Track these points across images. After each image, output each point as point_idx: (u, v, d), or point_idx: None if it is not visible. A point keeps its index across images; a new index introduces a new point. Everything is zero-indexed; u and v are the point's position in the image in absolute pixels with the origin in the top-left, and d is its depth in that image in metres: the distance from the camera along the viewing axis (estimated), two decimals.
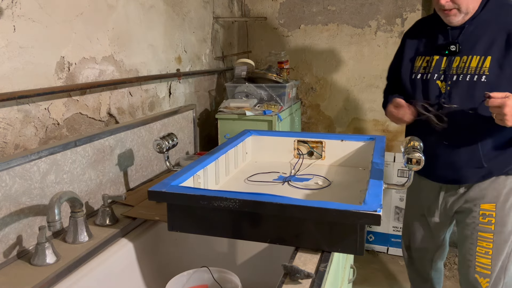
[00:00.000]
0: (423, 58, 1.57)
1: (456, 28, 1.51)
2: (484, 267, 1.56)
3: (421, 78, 1.56)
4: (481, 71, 1.45)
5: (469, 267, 1.59)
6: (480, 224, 1.55)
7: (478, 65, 1.45)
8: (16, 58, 1.16)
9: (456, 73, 1.49)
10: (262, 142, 1.63)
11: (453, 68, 1.50)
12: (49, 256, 0.99)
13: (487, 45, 1.45)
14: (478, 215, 1.55)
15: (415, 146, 1.13)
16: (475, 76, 1.45)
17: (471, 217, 1.57)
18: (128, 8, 1.66)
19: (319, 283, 0.86)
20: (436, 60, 1.53)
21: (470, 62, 1.47)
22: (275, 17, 2.95)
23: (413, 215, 1.80)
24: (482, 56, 1.45)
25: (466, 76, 1.47)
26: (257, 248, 1.22)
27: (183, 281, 1.07)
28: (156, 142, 1.29)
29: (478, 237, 1.56)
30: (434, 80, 1.52)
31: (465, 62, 1.48)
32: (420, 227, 1.78)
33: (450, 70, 1.50)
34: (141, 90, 1.79)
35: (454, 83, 1.49)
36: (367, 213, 0.88)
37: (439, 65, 1.52)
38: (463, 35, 1.49)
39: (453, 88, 1.49)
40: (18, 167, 1.02)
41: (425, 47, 1.59)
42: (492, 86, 1.40)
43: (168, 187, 1.02)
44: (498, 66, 1.42)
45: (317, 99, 2.98)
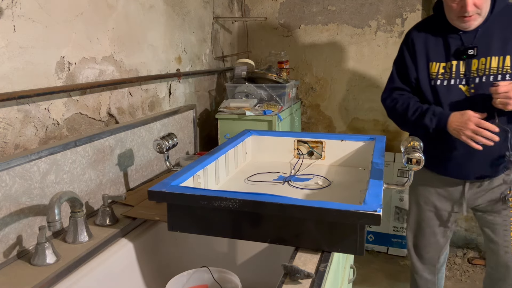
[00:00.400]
0: (439, 64, 1.57)
1: (468, 32, 1.52)
2: None
3: (441, 85, 1.56)
4: (503, 70, 1.49)
5: (506, 253, 1.66)
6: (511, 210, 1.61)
7: (499, 65, 1.49)
8: (16, 58, 1.16)
9: (477, 75, 1.51)
10: (262, 142, 1.63)
11: (473, 71, 1.52)
12: (49, 256, 0.99)
13: (502, 44, 1.49)
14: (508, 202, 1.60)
15: (415, 146, 1.13)
16: (498, 76, 1.49)
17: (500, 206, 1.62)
18: (128, 8, 1.66)
19: (319, 283, 0.86)
20: (455, 65, 1.54)
21: (490, 63, 1.50)
22: (275, 17, 2.95)
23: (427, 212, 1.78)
24: (501, 56, 1.49)
25: (489, 77, 1.50)
26: (257, 248, 1.22)
27: (183, 281, 1.07)
28: (156, 142, 1.29)
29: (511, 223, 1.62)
30: (457, 85, 1.54)
31: (484, 64, 1.50)
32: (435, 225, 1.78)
33: (470, 73, 1.52)
34: (141, 90, 1.79)
35: (478, 86, 1.51)
36: (367, 213, 0.88)
37: (459, 70, 1.53)
38: (477, 38, 1.51)
39: (478, 91, 1.51)
40: (18, 167, 1.02)
41: (438, 52, 1.58)
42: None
43: (168, 187, 1.02)
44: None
45: (317, 99, 2.98)
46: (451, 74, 1.55)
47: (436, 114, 1.53)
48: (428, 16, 1.71)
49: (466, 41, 1.52)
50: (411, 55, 1.64)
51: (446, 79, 1.56)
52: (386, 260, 2.73)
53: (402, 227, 2.76)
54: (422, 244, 1.83)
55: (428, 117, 1.54)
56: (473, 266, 2.69)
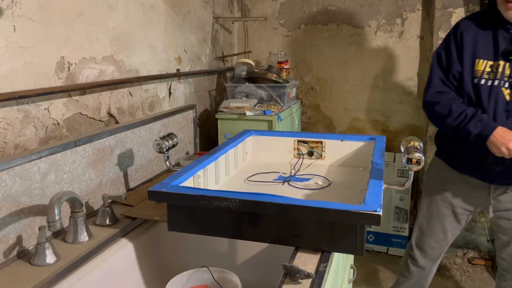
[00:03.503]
0: (486, 62, 1.51)
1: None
2: None
3: (485, 84, 1.51)
4: None
5: None
6: None
7: None
8: (16, 58, 1.16)
9: None
10: (262, 142, 1.63)
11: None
12: (49, 256, 0.99)
13: None
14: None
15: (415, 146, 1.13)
16: None
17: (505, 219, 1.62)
18: (128, 8, 1.66)
19: (319, 283, 0.86)
20: (502, 66, 1.48)
21: None
22: (275, 17, 2.95)
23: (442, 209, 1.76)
24: None
25: None
26: (257, 248, 1.22)
27: (183, 281, 1.07)
28: (156, 142, 1.29)
29: None
30: (501, 87, 1.49)
31: None
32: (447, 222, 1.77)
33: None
34: (141, 90, 1.79)
35: None
36: (367, 213, 0.88)
37: (504, 71, 1.48)
38: None
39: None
40: (18, 167, 1.02)
41: (486, 50, 1.51)
42: None
43: (168, 187, 1.02)
44: None
45: (317, 99, 2.98)
46: (496, 74, 1.48)
47: (482, 121, 1.47)
48: (481, 9, 1.64)
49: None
50: (458, 48, 1.56)
51: (491, 79, 1.50)
52: (386, 260, 2.73)
53: (402, 227, 2.76)
54: (429, 240, 1.82)
55: (473, 123, 1.48)
56: (473, 266, 2.69)
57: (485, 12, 1.57)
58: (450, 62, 1.58)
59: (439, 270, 2.64)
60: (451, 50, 1.58)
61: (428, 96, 1.63)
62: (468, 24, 1.57)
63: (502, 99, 1.49)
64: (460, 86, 1.57)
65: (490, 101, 1.50)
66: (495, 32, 1.50)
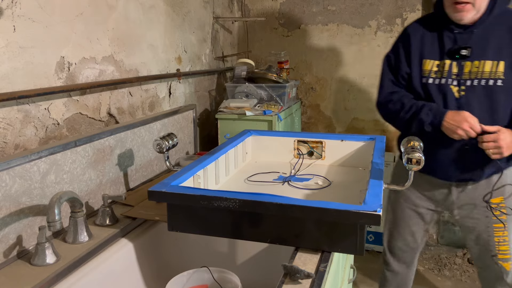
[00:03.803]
0: (432, 62, 1.56)
1: (464, 32, 1.51)
2: (505, 253, 1.65)
3: (433, 83, 1.55)
4: (496, 75, 1.48)
5: (492, 257, 1.67)
6: (493, 216, 1.61)
7: (492, 70, 1.48)
8: (16, 58, 1.16)
9: (469, 78, 1.51)
10: (262, 142, 1.63)
11: (465, 73, 1.51)
12: (49, 256, 0.99)
13: (497, 50, 1.48)
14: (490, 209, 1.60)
15: (415, 146, 1.13)
16: (490, 81, 1.48)
17: (483, 212, 1.62)
18: (128, 8, 1.66)
19: (319, 283, 0.86)
20: (449, 65, 1.53)
21: (484, 67, 1.49)
22: (275, 17, 2.95)
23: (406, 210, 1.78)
24: (495, 61, 1.48)
25: (481, 81, 1.49)
26: (257, 248, 1.22)
27: (183, 281, 1.07)
28: (156, 142, 1.29)
29: (494, 229, 1.63)
30: (448, 85, 1.53)
31: (477, 67, 1.49)
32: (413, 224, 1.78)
33: (462, 75, 1.51)
34: (141, 90, 1.79)
35: (469, 88, 1.50)
36: (367, 213, 0.88)
37: (451, 69, 1.52)
38: (473, 39, 1.50)
39: (468, 93, 1.50)
40: (18, 167, 1.02)
41: (432, 50, 1.57)
42: (509, 90, 1.47)
43: (168, 187, 1.02)
44: (511, 70, 1.46)
45: (317, 99, 2.98)
46: (443, 73, 1.54)
47: (432, 109, 1.52)
48: (428, 14, 1.69)
49: (461, 41, 1.51)
50: (406, 50, 1.63)
51: (439, 78, 1.55)
52: None
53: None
54: (398, 243, 1.83)
55: (424, 112, 1.53)
56: (473, 266, 2.68)
57: (432, 16, 1.64)
58: (399, 64, 1.64)
59: (439, 270, 2.64)
60: (399, 52, 1.65)
61: (381, 97, 1.70)
62: (415, 27, 1.64)
63: (451, 96, 1.53)
64: (410, 86, 1.63)
65: (440, 99, 1.54)
66: (441, 33, 1.56)
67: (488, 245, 1.66)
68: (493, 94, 1.48)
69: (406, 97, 1.62)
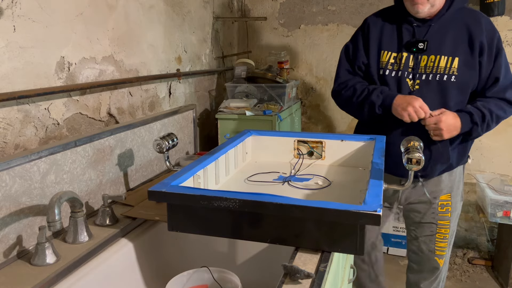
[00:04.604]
0: (390, 53, 1.57)
1: (422, 26, 1.53)
2: (441, 249, 1.73)
3: (390, 75, 1.57)
4: (450, 71, 1.50)
5: (430, 252, 1.73)
6: (439, 213, 1.67)
7: (447, 65, 1.51)
8: (16, 58, 1.16)
9: (425, 72, 1.53)
10: (262, 142, 1.63)
11: (421, 67, 1.53)
12: (49, 256, 0.99)
13: (453, 46, 1.51)
14: (437, 206, 1.66)
15: (415, 146, 1.13)
16: (444, 76, 1.51)
17: (431, 208, 1.67)
18: (128, 8, 1.66)
19: (319, 283, 0.86)
20: (405, 58, 1.54)
21: (439, 62, 1.51)
22: (275, 17, 2.95)
23: None
24: (450, 56, 1.50)
25: (436, 76, 1.52)
26: (257, 248, 1.22)
27: (183, 281, 1.07)
28: (156, 142, 1.29)
29: (438, 225, 1.68)
30: (405, 78, 1.55)
31: (433, 61, 1.52)
32: None
33: (418, 68, 1.53)
34: (141, 90, 1.79)
35: (424, 82, 1.52)
36: (367, 213, 0.88)
37: (408, 62, 1.54)
38: (430, 33, 1.52)
39: (423, 87, 1.52)
40: (18, 167, 1.02)
41: (391, 42, 1.58)
42: (461, 86, 1.51)
43: (168, 187, 1.02)
44: (465, 67, 1.50)
45: (317, 99, 2.98)
46: (400, 65, 1.55)
47: (383, 92, 1.53)
48: (389, 6, 1.69)
49: (419, 35, 1.53)
50: (365, 40, 1.64)
51: (395, 70, 1.56)
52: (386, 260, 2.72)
53: (402, 227, 2.76)
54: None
55: (375, 94, 1.54)
56: (473, 266, 2.69)
57: (392, 8, 1.65)
58: (357, 54, 1.65)
59: None
60: (358, 43, 1.66)
61: (335, 85, 1.71)
62: (376, 18, 1.65)
63: (406, 89, 1.55)
64: (368, 77, 1.64)
65: (395, 91, 1.56)
66: (400, 25, 1.57)
67: (429, 240, 1.71)
68: (446, 89, 1.50)
69: (359, 83, 1.63)
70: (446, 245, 1.72)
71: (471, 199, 2.81)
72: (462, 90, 1.52)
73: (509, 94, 1.53)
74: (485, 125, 1.50)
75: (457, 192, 1.68)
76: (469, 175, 2.77)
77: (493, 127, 1.56)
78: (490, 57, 1.51)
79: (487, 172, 2.74)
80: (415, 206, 1.70)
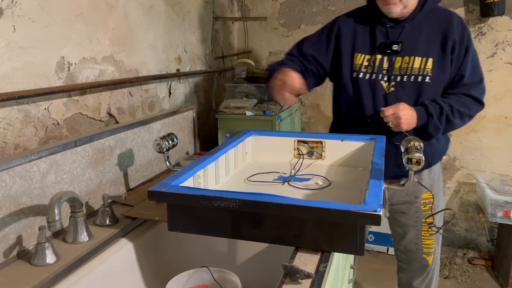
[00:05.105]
0: (364, 56, 1.55)
1: (396, 27, 1.52)
2: (429, 247, 1.73)
3: (364, 78, 1.55)
4: (424, 72, 1.50)
5: (417, 250, 1.73)
6: (423, 212, 1.67)
7: (421, 66, 1.50)
8: (16, 58, 1.16)
9: (399, 73, 1.52)
10: (262, 142, 1.63)
11: (396, 68, 1.52)
12: (49, 256, 0.99)
13: (427, 46, 1.50)
14: (420, 205, 1.66)
15: (415, 146, 1.13)
16: (419, 77, 1.50)
17: (414, 208, 1.68)
18: (128, 8, 1.66)
19: (319, 283, 0.86)
20: (380, 60, 1.53)
21: (413, 63, 1.50)
22: (275, 17, 2.94)
23: None
24: (424, 57, 1.50)
25: (411, 77, 1.51)
26: (257, 248, 1.22)
27: (183, 281, 1.07)
28: (156, 142, 1.29)
29: (423, 224, 1.68)
30: (379, 80, 1.53)
31: (407, 62, 1.51)
32: None
33: (393, 70, 1.52)
34: (141, 90, 1.79)
35: (399, 84, 1.51)
36: (367, 213, 0.88)
37: (382, 64, 1.53)
38: (403, 34, 1.51)
39: (398, 89, 1.51)
40: (18, 167, 1.02)
41: (364, 44, 1.55)
42: (436, 86, 1.51)
43: (168, 187, 1.02)
44: (438, 67, 1.50)
45: (317, 99, 2.98)
46: (374, 68, 1.53)
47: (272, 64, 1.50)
48: (361, 6, 1.66)
49: (393, 36, 1.51)
50: (336, 44, 1.60)
51: (369, 73, 1.54)
52: (386, 260, 2.73)
53: None
54: None
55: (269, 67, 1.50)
56: (473, 266, 2.69)
57: (364, 8, 1.62)
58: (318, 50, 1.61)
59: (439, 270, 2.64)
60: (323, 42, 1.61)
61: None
62: (347, 20, 1.61)
63: (381, 91, 1.53)
64: (340, 80, 1.61)
65: (369, 94, 1.54)
66: (373, 27, 1.55)
67: (416, 239, 1.71)
68: (421, 90, 1.50)
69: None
70: (433, 242, 1.72)
71: (471, 199, 2.81)
72: (437, 90, 1.52)
73: (474, 91, 1.53)
74: (444, 118, 1.49)
75: (438, 188, 1.69)
76: (469, 175, 2.77)
77: (458, 123, 1.55)
78: (460, 55, 1.51)
79: (487, 172, 2.74)
80: (398, 207, 1.70)
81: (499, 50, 2.58)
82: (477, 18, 2.57)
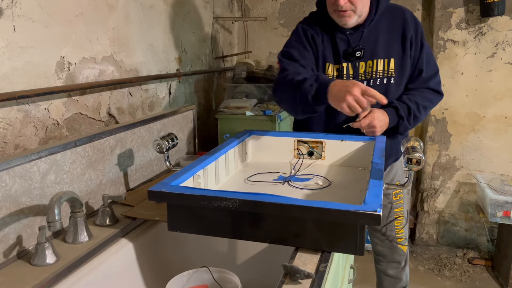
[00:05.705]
0: (332, 65, 1.55)
1: (355, 33, 1.52)
2: (402, 236, 1.77)
3: None
4: (389, 73, 1.52)
5: (392, 241, 1.77)
6: (395, 202, 1.71)
7: (384, 68, 1.52)
8: (16, 58, 1.16)
9: (365, 78, 1.54)
10: (262, 142, 1.63)
11: (361, 74, 1.53)
12: (49, 256, 0.99)
13: (387, 47, 1.52)
14: (391, 195, 1.70)
15: (415, 146, 1.13)
16: (384, 79, 1.53)
17: (386, 199, 1.71)
18: (128, 8, 1.66)
19: (319, 283, 0.86)
20: (346, 68, 1.54)
21: (377, 66, 1.52)
22: (275, 17, 2.95)
23: None
24: (385, 59, 1.51)
25: (377, 80, 1.53)
26: (257, 248, 1.22)
27: (183, 281, 1.07)
28: (156, 142, 1.29)
29: (395, 214, 1.72)
30: None
31: (371, 66, 1.52)
32: None
33: (358, 76, 1.53)
34: (141, 90, 1.79)
35: None
36: (367, 213, 0.88)
37: (348, 72, 1.54)
38: (363, 39, 1.52)
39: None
40: (18, 167, 1.02)
41: (330, 53, 1.55)
42: (400, 85, 1.54)
43: (168, 187, 1.02)
44: (400, 66, 1.52)
45: None
46: (342, 76, 1.53)
47: (318, 79, 1.34)
48: (313, 12, 1.62)
49: (353, 42, 1.51)
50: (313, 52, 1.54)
51: None
52: None
53: None
54: None
55: (308, 83, 1.33)
56: (473, 266, 2.69)
57: (318, 16, 1.57)
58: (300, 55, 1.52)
59: (439, 270, 2.64)
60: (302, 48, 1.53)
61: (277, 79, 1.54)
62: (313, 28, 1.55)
63: None
64: None
65: None
66: (333, 35, 1.54)
67: (390, 230, 1.75)
68: (388, 91, 1.52)
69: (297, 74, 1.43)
70: (403, 231, 1.78)
71: (471, 199, 2.81)
72: (401, 88, 1.55)
73: (432, 83, 1.56)
74: (412, 117, 1.52)
75: (402, 178, 1.76)
76: (469, 175, 2.77)
77: (423, 117, 1.58)
78: (416, 50, 1.53)
79: (487, 172, 2.74)
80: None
81: (499, 50, 2.58)
82: (477, 18, 2.57)
